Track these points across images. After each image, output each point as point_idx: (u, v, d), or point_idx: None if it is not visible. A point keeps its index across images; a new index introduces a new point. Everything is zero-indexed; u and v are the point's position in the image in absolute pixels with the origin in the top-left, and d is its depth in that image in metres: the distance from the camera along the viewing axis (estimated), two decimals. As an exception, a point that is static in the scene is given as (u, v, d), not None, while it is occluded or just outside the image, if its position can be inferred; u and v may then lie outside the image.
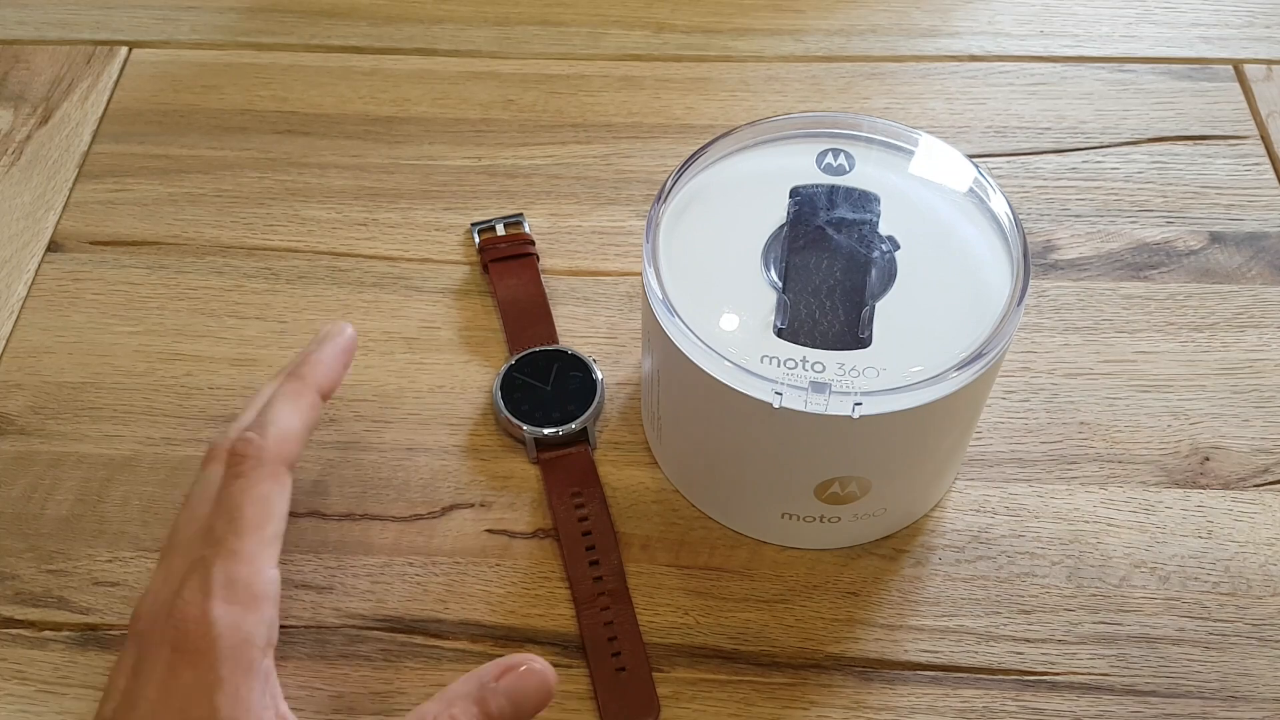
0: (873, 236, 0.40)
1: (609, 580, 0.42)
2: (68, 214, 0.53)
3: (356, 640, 0.41)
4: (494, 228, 0.52)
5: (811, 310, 0.38)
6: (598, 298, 0.50)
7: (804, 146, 0.42)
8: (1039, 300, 0.50)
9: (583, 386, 0.46)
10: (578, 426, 0.45)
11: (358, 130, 0.56)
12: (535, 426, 0.45)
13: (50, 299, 0.50)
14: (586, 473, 0.45)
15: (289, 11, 0.62)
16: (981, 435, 0.46)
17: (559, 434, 0.45)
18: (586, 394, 0.46)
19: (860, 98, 0.58)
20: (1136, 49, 0.60)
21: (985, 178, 0.41)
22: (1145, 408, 0.47)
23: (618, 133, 0.56)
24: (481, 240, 0.51)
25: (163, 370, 0.48)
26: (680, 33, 0.61)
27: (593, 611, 0.41)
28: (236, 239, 0.52)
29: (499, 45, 0.60)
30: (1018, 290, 0.38)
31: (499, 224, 0.52)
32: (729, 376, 0.37)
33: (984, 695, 0.40)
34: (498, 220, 0.52)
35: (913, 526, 0.44)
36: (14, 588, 0.42)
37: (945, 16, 0.61)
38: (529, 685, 0.35)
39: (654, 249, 0.39)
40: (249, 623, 0.34)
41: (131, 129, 0.57)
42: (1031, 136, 0.56)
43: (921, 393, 0.36)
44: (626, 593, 0.42)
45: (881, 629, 0.41)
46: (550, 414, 0.45)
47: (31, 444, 0.46)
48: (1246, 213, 0.53)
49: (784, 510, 0.41)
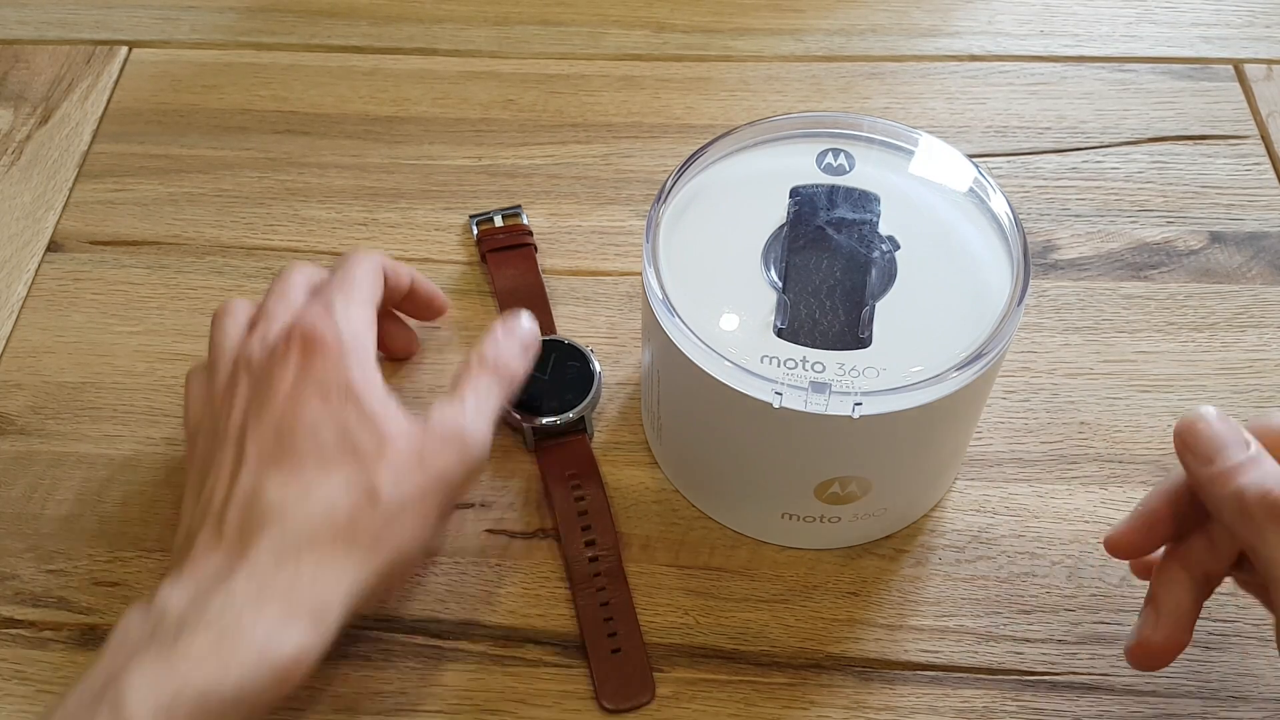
0: (873, 236, 0.40)
1: (605, 562, 0.42)
2: (68, 214, 0.53)
3: (356, 640, 0.41)
4: (492, 219, 0.52)
5: (811, 310, 0.38)
6: (598, 297, 0.50)
7: (804, 146, 0.42)
8: (1039, 300, 0.50)
9: (580, 376, 0.46)
10: (575, 415, 0.45)
11: (358, 130, 0.56)
12: (533, 415, 0.45)
13: (50, 299, 0.50)
14: (584, 460, 0.45)
15: (289, 11, 0.62)
16: (981, 435, 0.46)
17: (557, 423, 0.45)
18: (584, 383, 0.46)
19: (860, 98, 0.58)
20: (1137, 49, 0.60)
21: (985, 178, 0.41)
22: (1145, 408, 0.47)
23: (618, 133, 0.56)
24: (480, 231, 0.52)
25: (163, 370, 0.48)
26: (680, 33, 0.61)
27: (589, 592, 0.42)
28: (236, 239, 0.52)
29: (499, 45, 0.60)
30: (1018, 290, 0.38)
31: (497, 215, 0.52)
32: (729, 376, 0.37)
33: (984, 695, 0.40)
34: (496, 212, 0.52)
35: (913, 526, 0.44)
36: (14, 588, 0.42)
37: (945, 16, 0.61)
38: None
39: (654, 249, 0.39)
40: (364, 327, 0.40)
41: (131, 129, 0.57)
42: (1031, 136, 0.56)
43: (921, 393, 0.36)
44: (623, 575, 0.42)
45: (881, 629, 0.41)
46: (548, 403, 0.45)
47: (31, 444, 0.46)
48: (1246, 213, 0.53)
49: (784, 510, 0.41)
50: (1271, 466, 0.33)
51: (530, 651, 0.41)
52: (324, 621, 0.35)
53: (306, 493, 0.36)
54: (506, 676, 0.40)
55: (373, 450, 0.37)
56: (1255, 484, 0.32)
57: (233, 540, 0.35)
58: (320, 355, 0.38)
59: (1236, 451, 0.33)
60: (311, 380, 0.38)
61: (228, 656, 0.33)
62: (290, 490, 0.36)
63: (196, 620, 0.33)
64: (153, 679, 0.32)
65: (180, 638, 0.33)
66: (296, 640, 0.34)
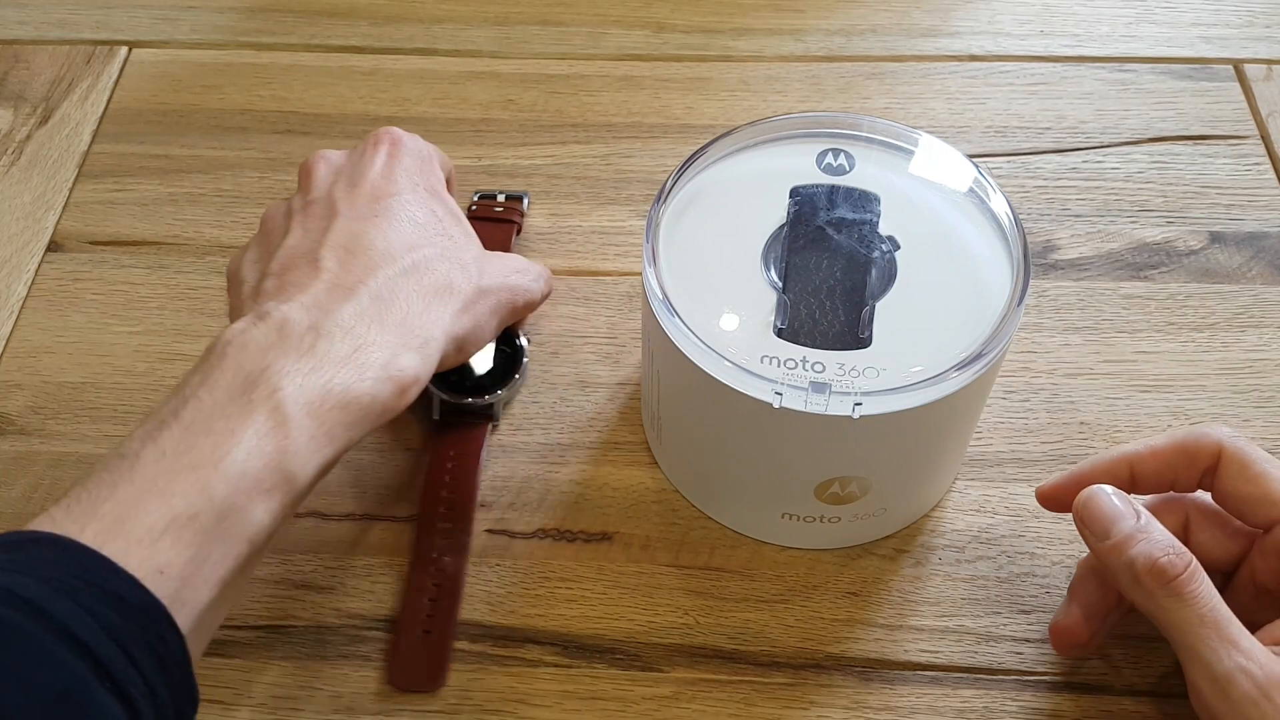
0: (873, 236, 0.40)
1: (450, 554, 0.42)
2: (68, 214, 0.53)
3: (356, 640, 0.41)
4: (494, 196, 0.52)
5: (811, 310, 0.38)
6: (598, 298, 0.50)
7: (804, 146, 0.42)
8: (1039, 300, 0.50)
9: (506, 365, 0.46)
10: (486, 401, 0.45)
11: (358, 130, 0.56)
12: (445, 387, 0.45)
13: (50, 299, 0.50)
14: (472, 448, 0.44)
15: (289, 11, 0.62)
16: (981, 435, 0.46)
17: (467, 403, 0.45)
18: (507, 373, 0.46)
19: (860, 98, 0.58)
20: (1136, 49, 0.60)
21: (985, 178, 0.41)
22: (1145, 408, 0.47)
23: (618, 133, 0.56)
24: (477, 203, 0.52)
25: (163, 370, 0.48)
26: (680, 33, 0.61)
27: (424, 573, 0.42)
28: (236, 239, 0.52)
29: (499, 45, 0.60)
30: (1018, 290, 0.38)
31: (500, 195, 0.52)
32: (729, 376, 0.37)
33: (984, 695, 0.40)
34: (500, 191, 0.53)
35: (913, 526, 0.44)
36: (14, 588, 0.42)
37: (945, 16, 0.61)
38: None
39: (654, 249, 0.39)
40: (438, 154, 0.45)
41: (131, 129, 0.57)
42: (1031, 136, 0.56)
43: (921, 393, 0.36)
44: (461, 574, 0.42)
45: (881, 629, 0.41)
46: (464, 382, 0.45)
47: (31, 444, 0.46)
48: (1246, 213, 0.53)
49: (784, 510, 0.41)
50: (1159, 535, 0.35)
51: (530, 651, 0.41)
52: (429, 354, 0.37)
53: (409, 248, 0.39)
54: (506, 676, 0.40)
55: (463, 239, 0.41)
56: (1143, 554, 0.34)
57: (337, 273, 0.37)
58: (407, 154, 0.42)
59: (1126, 524, 0.35)
60: (402, 168, 0.41)
61: (362, 364, 0.35)
62: (393, 241, 0.38)
63: (330, 328, 0.35)
64: (300, 375, 0.34)
65: (319, 342, 0.35)
66: (413, 363, 0.36)
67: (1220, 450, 0.37)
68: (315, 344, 0.35)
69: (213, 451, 0.32)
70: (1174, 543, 0.35)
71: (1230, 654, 0.33)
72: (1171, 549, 0.34)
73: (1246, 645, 0.33)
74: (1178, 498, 0.39)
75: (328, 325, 0.35)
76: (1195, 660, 0.34)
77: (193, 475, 0.31)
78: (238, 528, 0.32)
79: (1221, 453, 0.37)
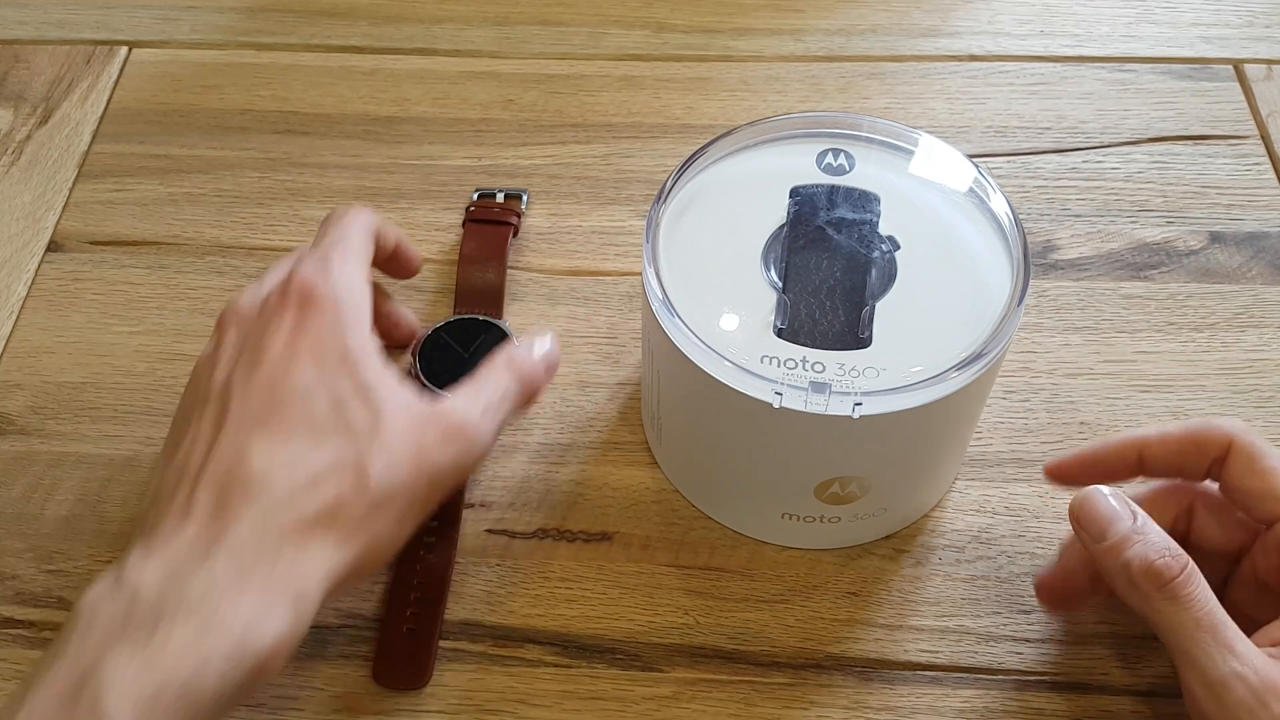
0: (873, 236, 0.40)
1: (437, 549, 0.42)
2: (68, 214, 0.53)
3: (357, 640, 0.41)
4: (493, 195, 0.52)
5: (811, 310, 0.38)
6: (598, 298, 0.50)
7: (804, 146, 0.42)
8: (1039, 300, 0.50)
9: None
10: None
11: (358, 130, 0.56)
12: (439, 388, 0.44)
13: (50, 299, 0.50)
14: None
15: (289, 11, 0.62)
16: (981, 435, 0.46)
17: None
18: None
19: (860, 98, 0.58)
20: (1136, 49, 0.60)
21: (985, 178, 0.41)
22: (1145, 408, 0.47)
23: (618, 133, 0.56)
24: (476, 203, 0.52)
25: (163, 370, 0.48)
26: (680, 33, 0.61)
27: (409, 569, 0.42)
28: (236, 239, 0.52)
29: (499, 45, 0.60)
30: (1018, 290, 0.38)
31: (499, 194, 0.52)
32: (729, 376, 0.37)
33: (984, 695, 0.40)
34: (499, 190, 0.53)
35: (913, 526, 0.44)
36: (14, 588, 0.42)
37: (945, 16, 0.61)
38: None
39: (654, 249, 0.39)
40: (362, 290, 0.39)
41: (131, 129, 0.57)
42: (1031, 136, 0.56)
43: (921, 393, 0.36)
44: (448, 571, 0.42)
45: (881, 629, 0.41)
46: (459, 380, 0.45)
47: (31, 444, 0.46)
48: (1246, 213, 0.53)
49: (784, 510, 0.41)
50: (1155, 537, 0.35)
51: (530, 651, 0.41)
52: (302, 608, 0.33)
53: (294, 465, 0.34)
54: (506, 676, 0.40)
55: (367, 427, 0.35)
56: (1139, 556, 0.34)
57: (209, 511, 0.33)
58: (317, 314, 0.36)
59: (1123, 525, 0.35)
60: (307, 342, 0.36)
61: (209, 647, 0.31)
62: (277, 459, 0.34)
63: (176, 605, 0.31)
64: (133, 674, 0.30)
65: (159, 626, 0.31)
66: (277, 628, 0.32)
67: (1230, 443, 0.37)
68: (157, 628, 0.31)
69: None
70: (1170, 545, 0.35)
71: (1226, 659, 0.33)
72: (1168, 551, 0.34)
73: (1242, 650, 0.33)
74: (1184, 485, 0.39)
75: (181, 597, 0.32)
76: (1190, 664, 0.34)
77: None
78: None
79: (1231, 445, 0.37)
